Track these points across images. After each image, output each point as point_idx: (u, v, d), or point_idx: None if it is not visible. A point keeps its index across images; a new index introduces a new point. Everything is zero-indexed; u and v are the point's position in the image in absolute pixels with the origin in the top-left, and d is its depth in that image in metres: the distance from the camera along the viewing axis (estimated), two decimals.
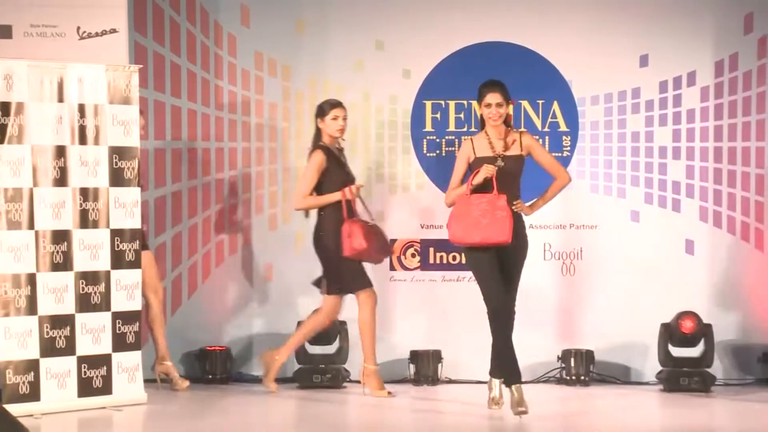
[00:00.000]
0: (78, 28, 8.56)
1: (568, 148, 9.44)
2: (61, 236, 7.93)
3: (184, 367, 9.22)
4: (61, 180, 7.93)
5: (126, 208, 8.15)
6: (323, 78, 9.44)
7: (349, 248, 8.39)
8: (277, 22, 9.44)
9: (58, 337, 7.89)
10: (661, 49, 9.38)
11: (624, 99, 9.44)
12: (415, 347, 9.21)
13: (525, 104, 9.36)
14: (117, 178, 8.12)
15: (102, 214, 8.08)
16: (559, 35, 9.39)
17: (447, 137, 9.47)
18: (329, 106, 8.62)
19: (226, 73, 9.46)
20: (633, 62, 9.41)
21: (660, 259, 9.39)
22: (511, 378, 7.69)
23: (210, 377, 9.17)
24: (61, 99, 7.95)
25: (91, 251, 8.03)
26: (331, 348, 9.09)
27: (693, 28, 9.38)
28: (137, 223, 8.22)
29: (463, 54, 9.43)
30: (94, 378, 8.02)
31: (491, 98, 7.73)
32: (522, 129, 8.65)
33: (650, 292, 9.33)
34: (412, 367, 9.18)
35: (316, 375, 8.97)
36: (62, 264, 7.92)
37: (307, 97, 9.42)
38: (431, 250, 9.45)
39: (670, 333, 9.00)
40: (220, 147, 9.47)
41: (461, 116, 9.45)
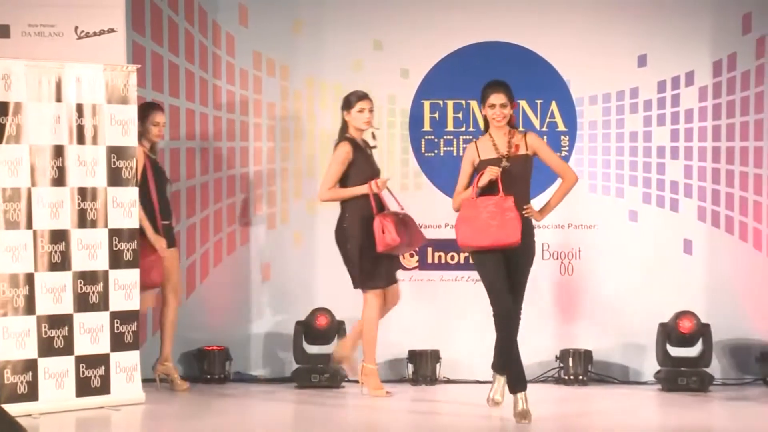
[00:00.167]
0: (76, 28, 8.55)
1: (567, 148, 9.43)
2: (60, 236, 7.92)
3: (183, 367, 9.21)
4: (59, 180, 7.93)
5: (124, 208, 8.14)
6: (321, 78, 9.43)
7: (383, 243, 8.28)
8: (276, 22, 9.44)
9: (56, 337, 7.88)
10: (660, 49, 9.37)
11: (622, 99, 9.44)
12: (414, 347, 9.19)
13: (523, 104, 9.35)
14: (115, 178, 8.11)
15: (100, 214, 8.07)
16: (558, 35, 9.38)
17: (445, 137, 9.46)
18: (356, 98, 8.52)
19: (225, 73, 9.45)
20: (631, 62, 9.40)
21: (658, 259, 9.39)
22: (517, 386, 7.51)
23: (208, 377, 9.15)
24: (59, 99, 7.94)
25: (90, 251, 8.03)
26: (330, 348, 9.07)
27: (691, 28, 9.37)
28: (135, 223, 8.20)
29: (462, 54, 9.43)
30: (92, 378, 8.01)
31: (495, 99, 7.60)
32: (527, 129, 8.63)
33: (648, 292, 9.32)
34: (411, 367, 9.16)
35: (315, 375, 8.96)
36: (60, 264, 7.92)
37: (306, 97, 9.42)
38: (429, 250, 9.44)
39: (669, 333, 8.99)
40: (218, 147, 9.46)
41: (459, 116, 9.44)
